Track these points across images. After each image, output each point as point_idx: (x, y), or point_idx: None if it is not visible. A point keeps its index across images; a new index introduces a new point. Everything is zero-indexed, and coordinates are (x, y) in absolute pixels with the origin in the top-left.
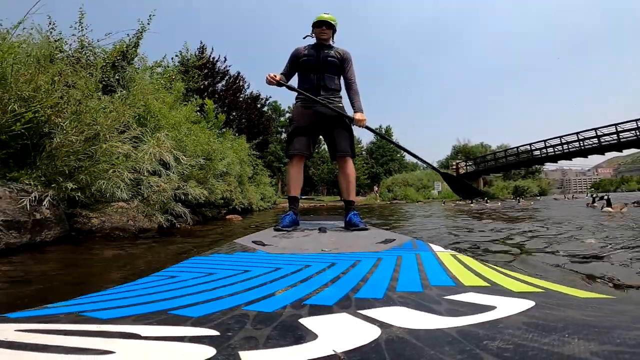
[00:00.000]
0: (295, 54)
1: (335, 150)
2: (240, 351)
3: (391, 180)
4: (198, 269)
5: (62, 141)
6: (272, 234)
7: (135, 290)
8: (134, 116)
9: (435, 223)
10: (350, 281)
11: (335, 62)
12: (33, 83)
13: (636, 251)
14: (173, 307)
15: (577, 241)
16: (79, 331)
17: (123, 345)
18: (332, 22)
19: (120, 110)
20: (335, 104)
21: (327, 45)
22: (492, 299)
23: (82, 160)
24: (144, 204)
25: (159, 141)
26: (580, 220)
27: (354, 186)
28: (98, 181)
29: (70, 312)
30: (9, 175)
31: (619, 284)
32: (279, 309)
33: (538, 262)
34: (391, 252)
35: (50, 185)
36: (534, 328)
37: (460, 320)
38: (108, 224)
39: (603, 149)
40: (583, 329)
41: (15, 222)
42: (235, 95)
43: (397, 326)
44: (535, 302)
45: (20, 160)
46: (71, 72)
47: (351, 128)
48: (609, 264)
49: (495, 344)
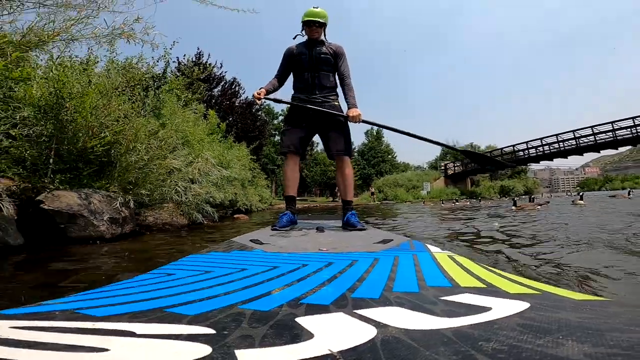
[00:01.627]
0: (287, 53)
1: (333, 150)
2: (236, 350)
3: (382, 181)
4: (195, 266)
5: (136, 159)
6: (270, 233)
7: (132, 287)
8: (180, 139)
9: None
10: (347, 281)
11: (328, 59)
12: (106, 111)
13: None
14: (169, 305)
15: (487, 223)
16: (73, 328)
17: (118, 343)
18: (323, 19)
19: (169, 135)
20: (330, 102)
21: (319, 41)
22: (487, 300)
23: (146, 173)
24: (186, 204)
25: (205, 159)
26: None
27: (352, 186)
28: (160, 188)
29: (65, 309)
30: (95, 185)
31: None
32: (275, 307)
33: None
34: (388, 252)
35: (126, 191)
36: (529, 329)
37: (455, 321)
38: (160, 220)
39: (581, 149)
40: (577, 331)
41: (114, 219)
42: (231, 101)
43: (393, 326)
44: (531, 303)
45: (99, 174)
46: (129, 99)
47: (347, 126)
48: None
49: (490, 345)
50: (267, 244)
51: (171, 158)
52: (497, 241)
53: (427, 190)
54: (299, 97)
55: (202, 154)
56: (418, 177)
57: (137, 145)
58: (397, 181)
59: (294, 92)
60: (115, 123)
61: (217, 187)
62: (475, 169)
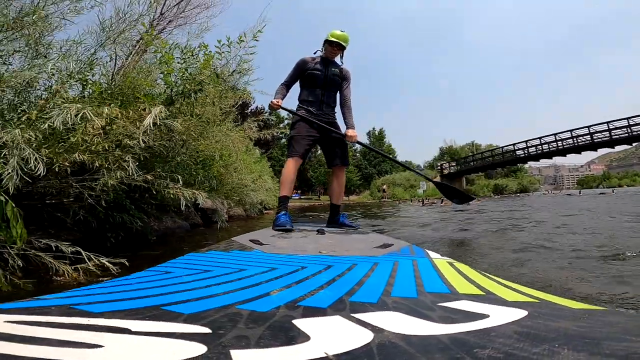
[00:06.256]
0: (302, 65)
1: (333, 160)
2: (231, 350)
3: (382, 180)
4: (194, 265)
5: (235, 179)
6: (270, 234)
7: (129, 284)
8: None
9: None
10: (345, 284)
11: (337, 80)
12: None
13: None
14: (166, 303)
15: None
16: (68, 324)
17: (112, 340)
18: (345, 43)
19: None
20: (333, 119)
21: (334, 62)
22: (485, 308)
23: (236, 186)
24: (250, 205)
25: (263, 179)
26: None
27: (343, 192)
28: (240, 194)
29: (61, 304)
30: (209, 195)
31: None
32: (272, 309)
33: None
34: (388, 257)
35: (227, 197)
36: (525, 337)
37: (452, 328)
38: (236, 213)
39: (579, 148)
40: (573, 340)
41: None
42: (243, 111)
43: (390, 331)
44: (528, 311)
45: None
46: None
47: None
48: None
49: (486, 352)
50: (266, 245)
51: (245, 176)
52: None
53: (424, 189)
54: (308, 109)
55: (262, 176)
56: (415, 176)
57: (237, 168)
58: (395, 180)
59: (300, 103)
60: (231, 156)
61: (265, 193)
62: (469, 169)
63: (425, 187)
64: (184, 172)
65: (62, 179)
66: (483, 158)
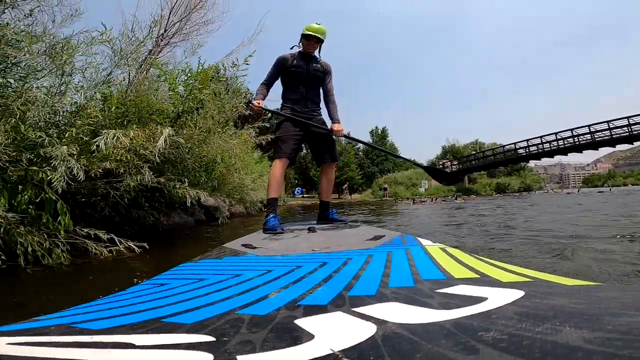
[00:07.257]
0: (282, 62)
1: (322, 157)
2: (238, 356)
3: (383, 179)
4: (188, 275)
5: (236, 179)
6: (261, 237)
7: (126, 299)
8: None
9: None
10: (342, 280)
11: (320, 76)
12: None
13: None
14: (166, 315)
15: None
16: (71, 342)
17: (118, 356)
18: (322, 36)
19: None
20: (319, 116)
21: (314, 57)
22: (482, 290)
23: (237, 185)
24: (250, 202)
25: (265, 176)
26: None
27: (332, 189)
28: (241, 193)
29: (61, 323)
30: (211, 194)
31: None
32: (273, 311)
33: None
34: (381, 248)
35: (228, 195)
36: (526, 317)
37: (453, 313)
38: (237, 210)
39: (580, 147)
40: (573, 317)
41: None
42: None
43: (392, 322)
44: (525, 291)
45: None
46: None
47: (332, 136)
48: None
49: (490, 335)
50: (259, 248)
51: (245, 176)
52: None
53: (425, 188)
54: (293, 108)
55: (262, 176)
56: (417, 175)
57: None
58: (397, 179)
59: (284, 102)
60: (231, 160)
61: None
62: (471, 167)
63: (426, 185)
64: (189, 174)
65: (92, 181)
66: (485, 157)
